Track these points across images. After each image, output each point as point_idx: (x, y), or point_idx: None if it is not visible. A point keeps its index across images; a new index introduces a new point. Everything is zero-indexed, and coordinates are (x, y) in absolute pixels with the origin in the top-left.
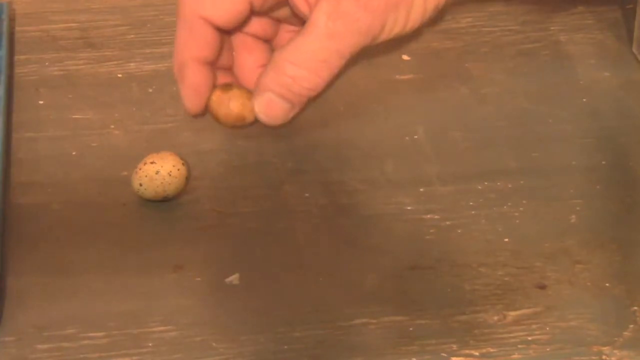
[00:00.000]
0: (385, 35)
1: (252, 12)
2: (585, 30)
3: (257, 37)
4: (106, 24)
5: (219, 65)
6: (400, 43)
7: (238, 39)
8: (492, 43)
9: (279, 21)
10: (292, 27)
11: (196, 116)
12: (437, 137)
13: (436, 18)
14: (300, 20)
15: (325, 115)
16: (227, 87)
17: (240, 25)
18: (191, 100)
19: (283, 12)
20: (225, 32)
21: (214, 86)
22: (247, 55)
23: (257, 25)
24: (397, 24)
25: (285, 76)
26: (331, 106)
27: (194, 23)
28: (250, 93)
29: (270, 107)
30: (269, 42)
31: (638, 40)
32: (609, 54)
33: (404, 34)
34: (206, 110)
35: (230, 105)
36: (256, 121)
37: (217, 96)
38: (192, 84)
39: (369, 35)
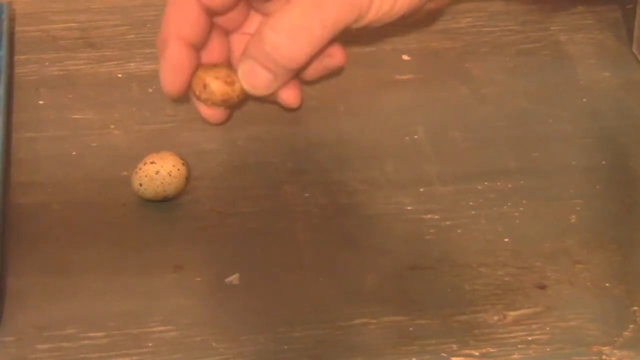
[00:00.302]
0: (372, 15)
1: None
2: (585, 30)
3: None
4: (106, 24)
5: (209, 59)
6: (400, 43)
7: (237, 39)
8: (492, 43)
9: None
10: None
11: (173, 98)
12: (437, 137)
13: (432, 15)
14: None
15: (325, 115)
16: (210, 66)
17: (228, 9)
18: (168, 77)
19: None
20: (215, 14)
21: (195, 69)
22: None
23: (255, 24)
24: (385, 2)
25: (265, 43)
26: (331, 106)
27: (182, 0)
28: (234, 71)
29: (252, 75)
30: None
31: (638, 40)
32: (609, 54)
33: (392, 17)
34: (184, 93)
35: (211, 82)
36: (241, 100)
37: (198, 75)
38: (171, 60)
39: (354, 9)
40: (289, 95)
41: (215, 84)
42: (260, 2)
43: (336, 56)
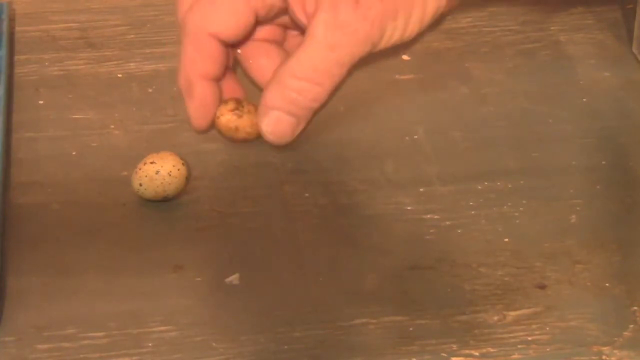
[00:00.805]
0: (384, 44)
1: (257, 23)
2: (585, 30)
3: (268, 41)
4: (106, 24)
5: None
6: (400, 44)
7: (251, 46)
8: (492, 43)
9: (285, 27)
10: (297, 32)
11: (203, 131)
12: (437, 137)
13: (435, 22)
14: (302, 28)
15: (325, 115)
16: (236, 105)
17: (245, 37)
18: (199, 117)
19: (286, 19)
20: (231, 46)
21: (220, 101)
22: (263, 59)
23: (265, 31)
24: (395, 32)
25: (289, 90)
26: (331, 106)
27: (201, 40)
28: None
29: (277, 125)
30: (280, 45)
31: (638, 40)
32: (609, 54)
33: (403, 41)
34: (213, 125)
35: (240, 124)
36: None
37: (226, 117)
38: (201, 102)
39: (367, 44)
40: None
41: (243, 124)
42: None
43: None
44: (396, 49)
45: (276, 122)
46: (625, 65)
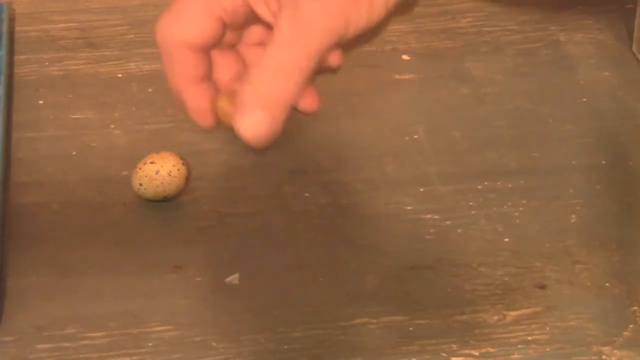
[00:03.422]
0: (352, 32)
1: (232, 28)
2: (585, 30)
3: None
4: (106, 24)
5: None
6: (400, 43)
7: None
8: (492, 43)
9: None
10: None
11: (212, 129)
12: (437, 137)
13: (414, 3)
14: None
15: (325, 115)
16: (231, 95)
17: (217, 44)
18: (200, 118)
19: (252, 20)
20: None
21: (217, 92)
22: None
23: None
24: (360, 19)
25: (263, 87)
26: (331, 106)
27: (171, 51)
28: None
29: (254, 125)
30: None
31: (638, 40)
32: (609, 54)
33: (373, 25)
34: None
35: (226, 108)
36: None
37: (222, 108)
38: (195, 106)
39: (333, 35)
40: (308, 102)
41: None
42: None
43: (332, 60)
44: (396, 49)
45: (252, 122)
46: (625, 65)
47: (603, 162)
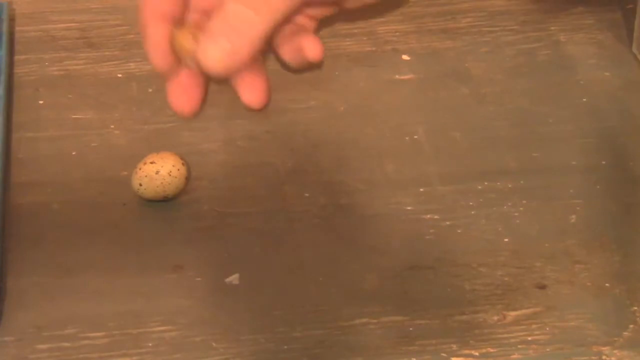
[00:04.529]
0: None
1: None
2: (585, 30)
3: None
4: (106, 24)
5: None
6: (400, 43)
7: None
8: (492, 43)
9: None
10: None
11: (165, 74)
12: (437, 137)
13: None
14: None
15: (325, 115)
16: (192, 29)
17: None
18: (156, 57)
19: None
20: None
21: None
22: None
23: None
24: None
25: (228, 14)
26: (331, 106)
27: (152, 30)
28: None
29: (216, 52)
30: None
31: (638, 40)
32: (609, 54)
33: None
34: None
35: (184, 41)
36: None
37: (180, 41)
38: (155, 43)
39: None
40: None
41: (187, 41)
42: None
43: (310, 47)
44: (396, 49)
45: (214, 47)
46: (625, 65)
47: (603, 162)
